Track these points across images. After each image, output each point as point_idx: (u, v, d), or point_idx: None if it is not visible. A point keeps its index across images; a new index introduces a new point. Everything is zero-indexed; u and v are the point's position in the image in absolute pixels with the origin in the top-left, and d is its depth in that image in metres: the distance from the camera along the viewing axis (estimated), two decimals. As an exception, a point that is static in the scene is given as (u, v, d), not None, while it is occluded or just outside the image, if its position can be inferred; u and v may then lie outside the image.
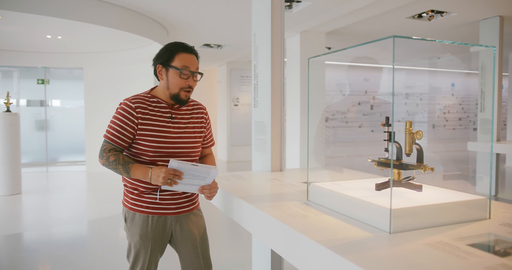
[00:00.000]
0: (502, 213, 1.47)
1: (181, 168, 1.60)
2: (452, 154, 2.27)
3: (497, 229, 1.26)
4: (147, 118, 1.67)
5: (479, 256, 1.01)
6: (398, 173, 1.52)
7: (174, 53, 1.68)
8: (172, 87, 1.69)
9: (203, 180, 1.67)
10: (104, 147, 1.67)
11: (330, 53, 1.64)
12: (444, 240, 1.15)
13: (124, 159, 1.63)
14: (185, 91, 1.70)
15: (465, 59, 4.28)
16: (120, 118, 1.66)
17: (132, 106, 1.65)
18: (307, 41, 6.28)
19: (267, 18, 2.54)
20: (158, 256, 1.79)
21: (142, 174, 1.60)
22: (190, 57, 1.69)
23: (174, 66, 1.67)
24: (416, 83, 7.05)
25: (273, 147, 2.55)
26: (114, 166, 1.62)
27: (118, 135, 1.65)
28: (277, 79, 2.55)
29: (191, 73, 1.69)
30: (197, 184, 1.67)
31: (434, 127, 6.86)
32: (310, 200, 1.68)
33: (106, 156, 1.64)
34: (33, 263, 3.29)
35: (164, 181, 1.56)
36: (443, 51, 1.67)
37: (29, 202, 5.65)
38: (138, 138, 1.67)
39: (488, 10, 5.35)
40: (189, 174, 1.62)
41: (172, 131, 1.71)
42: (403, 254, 1.04)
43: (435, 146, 1.92)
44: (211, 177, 1.66)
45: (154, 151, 1.67)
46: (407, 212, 1.25)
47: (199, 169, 1.63)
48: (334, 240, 1.16)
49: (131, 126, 1.65)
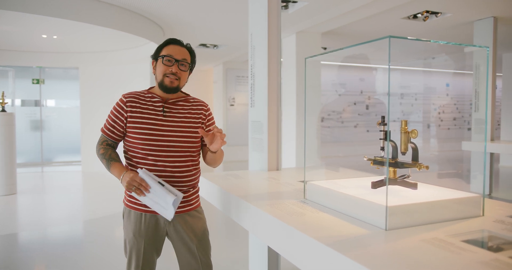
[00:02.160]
0: (496, 210, 1.49)
1: (147, 180, 1.59)
2: (447, 154, 2.29)
3: (490, 226, 1.29)
4: (137, 111, 1.73)
5: (473, 252, 1.03)
6: (393, 171, 1.54)
7: (163, 46, 1.78)
8: (158, 75, 1.76)
9: (165, 208, 1.59)
10: (99, 140, 1.80)
11: (327, 53, 1.65)
12: (439, 236, 1.17)
13: (110, 155, 1.72)
14: (169, 78, 1.73)
15: (459, 59, 4.32)
16: (112, 111, 1.78)
17: (124, 100, 1.76)
18: (303, 41, 6.30)
19: (264, 18, 2.56)
20: (153, 255, 1.79)
21: (117, 174, 1.65)
22: (177, 48, 1.77)
23: (160, 55, 1.76)
24: (411, 83, 7.10)
25: (269, 147, 2.57)
26: (101, 158, 1.73)
27: (109, 127, 1.77)
28: (273, 79, 2.57)
29: (175, 60, 1.73)
30: (162, 207, 1.61)
31: (429, 127, 6.90)
32: (307, 198, 1.69)
33: (98, 148, 1.77)
34: (29, 263, 3.28)
35: (128, 186, 1.58)
36: (438, 52, 1.69)
37: (25, 202, 5.62)
38: (129, 131, 1.73)
39: (482, 11, 5.40)
40: (154, 190, 1.59)
41: (164, 124, 1.72)
42: (399, 250, 1.07)
43: (430, 145, 1.94)
44: (168, 204, 1.58)
45: (145, 143, 1.69)
46: (403, 209, 1.27)
47: (159, 189, 1.58)
48: (331, 237, 1.18)
49: (120, 119, 1.74)
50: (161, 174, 1.71)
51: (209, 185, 2.23)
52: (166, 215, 1.62)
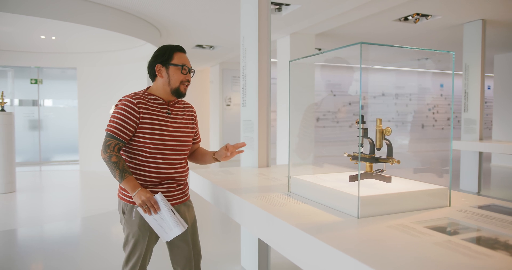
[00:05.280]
0: (462, 201, 1.63)
1: (160, 204, 1.74)
2: (440, 153, 2.37)
3: (453, 214, 1.42)
4: (147, 113, 1.82)
5: (430, 235, 1.16)
6: (370, 166, 1.67)
7: (172, 52, 1.89)
8: (173, 82, 1.87)
9: (166, 231, 1.75)
10: (108, 142, 1.77)
11: (309, 56, 1.75)
12: (404, 223, 1.30)
13: (124, 166, 1.76)
14: (184, 85, 1.89)
15: (446, 61, 4.44)
16: (122, 112, 1.78)
17: (134, 101, 1.80)
18: (297, 43, 6.44)
19: (254, 23, 2.69)
20: (153, 245, 1.93)
21: (131, 188, 1.75)
22: (185, 56, 1.93)
23: (175, 63, 1.87)
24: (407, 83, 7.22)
25: (260, 144, 2.70)
26: (113, 167, 1.75)
27: (121, 128, 1.76)
28: (264, 80, 2.70)
29: (188, 69, 1.89)
30: (163, 229, 1.76)
31: (423, 127, 7.02)
32: (291, 192, 1.82)
33: (109, 154, 1.75)
34: (27, 258, 3.40)
35: (142, 203, 1.73)
36: (431, 53, 1.78)
37: (23, 200, 5.73)
38: (139, 132, 1.80)
39: (471, 14, 5.55)
40: (163, 214, 1.74)
41: (169, 125, 1.86)
42: (366, 234, 1.20)
43: (422, 145, 2.05)
44: (173, 232, 1.74)
45: (155, 143, 1.81)
46: (374, 199, 1.40)
47: (170, 217, 1.74)
48: (307, 224, 1.31)
49: (133, 120, 1.78)
50: (166, 171, 1.85)
51: (201, 181, 2.36)
52: (163, 237, 1.77)
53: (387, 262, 0.96)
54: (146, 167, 1.82)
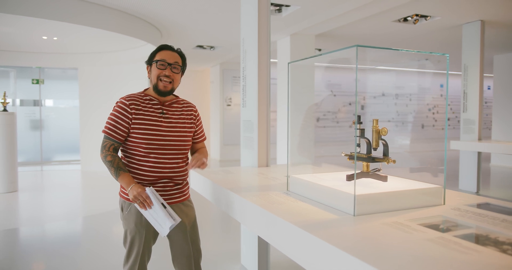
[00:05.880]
0: (457, 200, 1.66)
1: (152, 198, 1.76)
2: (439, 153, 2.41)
3: (447, 213, 1.45)
4: (140, 113, 1.87)
5: (423, 232, 1.20)
6: (366, 165, 1.71)
7: (156, 52, 1.94)
8: (153, 79, 1.92)
9: (161, 226, 1.77)
10: (105, 144, 1.87)
11: (306, 59, 1.79)
12: (399, 220, 1.34)
13: (118, 164, 1.83)
14: (162, 82, 1.90)
15: (442, 62, 4.48)
16: (116, 114, 1.87)
17: (126, 103, 1.87)
18: (297, 43, 6.48)
19: (254, 25, 2.73)
20: (151, 242, 1.97)
21: (126, 184, 1.79)
22: (169, 52, 1.93)
23: (155, 60, 1.91)
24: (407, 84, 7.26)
25: (259, 144, 2.74)
26: (109, 165, 1.83)
27: (114, 129, 1.85)
28: (263, 81, 2.74)
29: (167, 64, 1.90)
30: (159, 224, 1.78)
31: (423, 127, 7.06)
32: (289, 190, 1.86)
33: (105, 153, 1.84)
34: (28, 257, 3.43)
35: (134, 198, 1.76)
36: (427, 55, 1.82)
37: (25, 199, 5.77)
38: (132, 132, 1.86)
39: (470, 15, 5.59)
40: (156, 208, 1.77)
41: (163, 125, 1.90)
42: (361, 231, 1.23)
43: (421, 145, 2.08)
44: (166, 225, 1.75)
45: (147, 143, 1.85)
46: (370, 197, 1.44)
47: (160, 210, 1.76)
48: (305, 221, 1.34)
49: (126, 121, 1.85)
50: (161, 170, 1.88)
51: (202, 180, 2.40)
52: (161, 231, 1.80)
53: (382, 258, 1.00)
54: (141, 166, 1.87)
